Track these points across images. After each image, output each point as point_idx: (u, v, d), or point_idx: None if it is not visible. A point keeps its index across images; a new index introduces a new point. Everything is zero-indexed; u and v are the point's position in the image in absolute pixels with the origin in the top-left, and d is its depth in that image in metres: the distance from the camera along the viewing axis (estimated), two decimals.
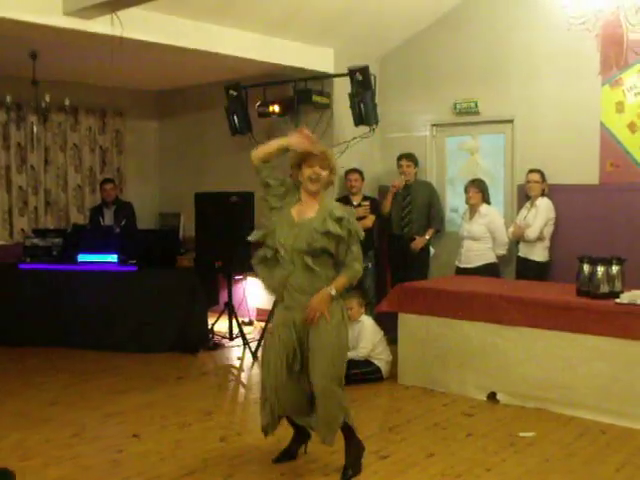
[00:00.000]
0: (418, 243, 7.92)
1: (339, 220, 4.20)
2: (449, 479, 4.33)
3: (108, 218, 9.13)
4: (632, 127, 6.83)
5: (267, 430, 4.46)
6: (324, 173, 4.31)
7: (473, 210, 7.36)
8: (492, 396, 5.91)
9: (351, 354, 6.34)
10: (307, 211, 4.32)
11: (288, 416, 4.50)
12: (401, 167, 8.00)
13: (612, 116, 6.94)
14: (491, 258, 7.29)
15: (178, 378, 6.75)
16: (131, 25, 6.10)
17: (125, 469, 4.51)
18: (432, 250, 8.13)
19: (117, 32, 6.00)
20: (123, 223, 8.99)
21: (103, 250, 8.05)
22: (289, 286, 4.27)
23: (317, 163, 4.30)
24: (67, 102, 8.49)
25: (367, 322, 6.63)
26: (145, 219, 10.01)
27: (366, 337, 6.52)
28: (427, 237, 7.96)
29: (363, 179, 8.08)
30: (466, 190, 7.44)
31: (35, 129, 9.52)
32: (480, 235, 7.25)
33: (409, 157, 8.04)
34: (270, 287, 4.42)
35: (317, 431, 4.41)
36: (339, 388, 4.29)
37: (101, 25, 6.06)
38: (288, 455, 4.65)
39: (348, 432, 4.39)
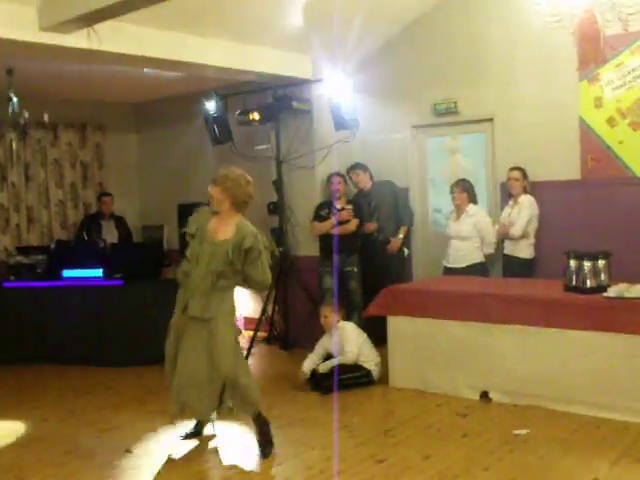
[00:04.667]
0: (394, 245, 7.92)
1: (247, 251, 4.70)
2: None
3: (106, 230, 9.18)
4: (611, 122, 6.87)
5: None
6: (216, 193, 4.81)
7: (459, 210, 7.37)
8: (484, 395, 5.92)
9: (339, 359, 6.39)
10: (220, 231, 4.82)
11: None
12: (351, 179, 8.13)
13: (591, 111, 6.98)
14: (479, 257, 7.30)
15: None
16: (107, 38, 6.02)
17: None
18: (406, 251, 8.12)
19: (94, 46, 5.95)
20: (117, 237, 9.21)
21: (88, 265, 8.00)
22: (195, 298, 4.79)
23: (212, 183, 4.85)
24: (46, 118, 8.42)
25: (348, 326, 6.68)
26: None
27: (350, 340, 6.53)
28: (401, 236, 7.95)
29: (346, 183, 8.10)
30: (451, 190, 7.45)
31: (14, 146, 9.46)
32: (468, 235, 7.26)
33: (355, 167, 8.11)
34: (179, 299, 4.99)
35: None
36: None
37: (77, 39, 6.01)
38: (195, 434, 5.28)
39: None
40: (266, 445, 4.89)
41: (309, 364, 6.58)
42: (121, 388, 6.82)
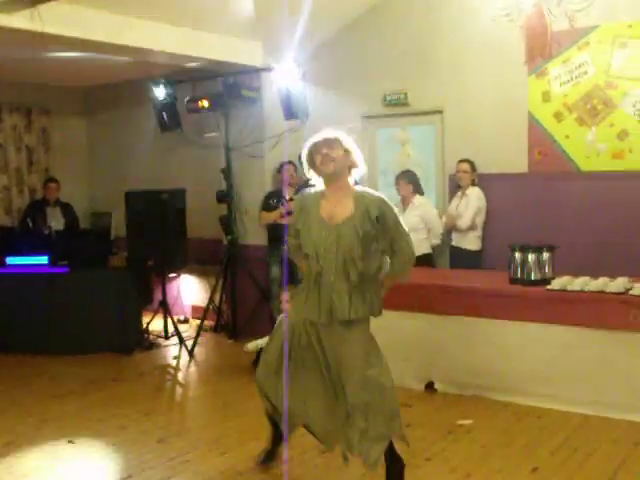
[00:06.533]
0: None
1: (377, 219, 3.85)
2: None
3: (52, 217, 9.01)
4: (558, 116, 6.95)
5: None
6: (334, 152, 3.94)
7: (406, 202, 7.39)
8: (430, 386, 5.96)
9: None
10: (338, 210, 3.90)
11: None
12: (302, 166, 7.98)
13: (539, 106, 7.05)
14: (426, 249, 7.31)
15: (114, 380, 6.65)
16: (53, 20, 5.90)
17: (62, 476, 4.42)
18: None
19: (37, 27, 5.81)
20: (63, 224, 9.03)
21: (32, 252, 7.85)
22: (332, 297, 3.88)
23: (324, 146, 3.95)
24: None
25: None
26: None
27: None
28: None
29: (297, 172, 8.07)
30: (397, 182, 7.48)
31: None
32: (415, 226, 7.24)
33: (291, 163, 7.99)
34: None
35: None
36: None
37: (21, 20, 5.87)
38: (272, 456, 4.46)
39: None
40: None
41: (253, 345, 6.57)
42: (64, 378, 6.72)
